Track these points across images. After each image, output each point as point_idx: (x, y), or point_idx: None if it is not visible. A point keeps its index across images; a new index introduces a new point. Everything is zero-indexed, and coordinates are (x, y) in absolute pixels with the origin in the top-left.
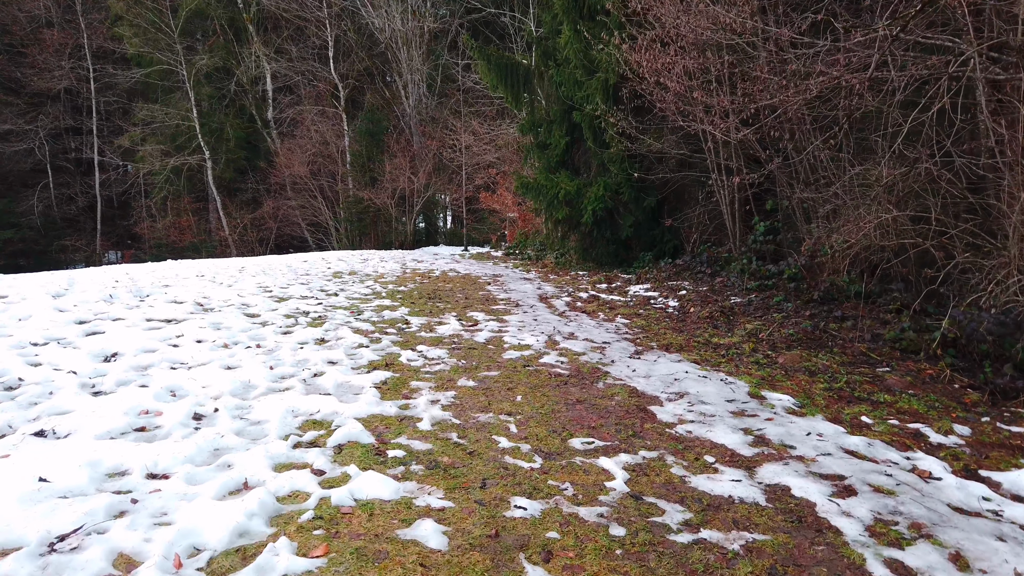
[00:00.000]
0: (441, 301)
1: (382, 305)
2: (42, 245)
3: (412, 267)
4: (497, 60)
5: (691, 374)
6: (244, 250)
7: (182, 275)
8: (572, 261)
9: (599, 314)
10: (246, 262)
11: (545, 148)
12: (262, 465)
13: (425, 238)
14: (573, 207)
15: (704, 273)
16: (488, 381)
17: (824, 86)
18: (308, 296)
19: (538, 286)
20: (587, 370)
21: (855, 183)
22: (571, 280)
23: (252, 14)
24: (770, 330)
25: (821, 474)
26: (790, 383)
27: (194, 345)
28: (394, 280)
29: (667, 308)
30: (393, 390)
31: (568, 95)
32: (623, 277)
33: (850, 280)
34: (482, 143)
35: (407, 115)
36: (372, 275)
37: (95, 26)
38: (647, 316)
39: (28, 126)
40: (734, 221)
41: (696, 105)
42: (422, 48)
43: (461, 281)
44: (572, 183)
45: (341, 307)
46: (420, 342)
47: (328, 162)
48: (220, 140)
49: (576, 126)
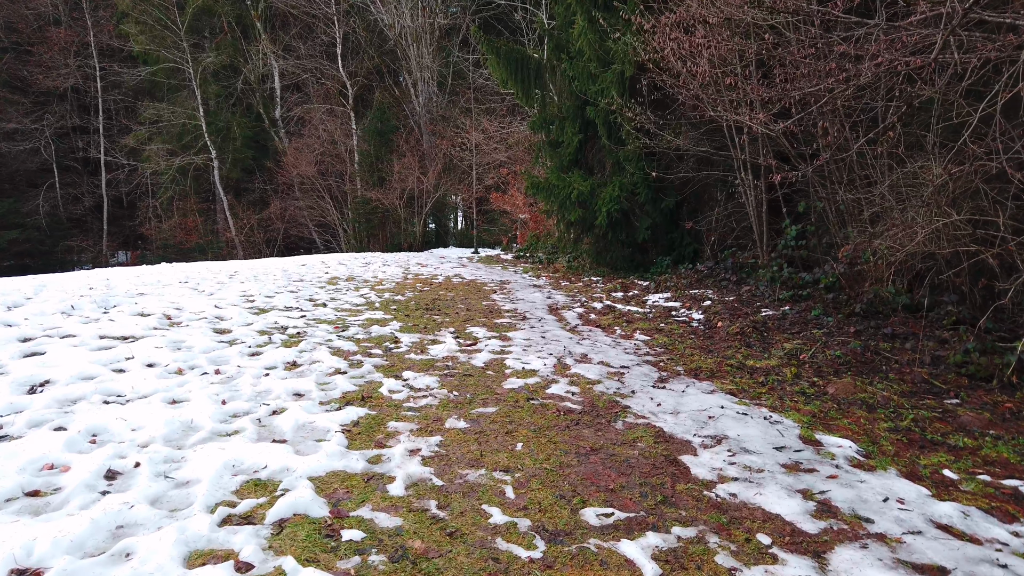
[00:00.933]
0: (439, 313)
1: (372, 319)
2: (48, 246)
3: (415, 272)
4: (507, 53)
5: (728, 410)
6: (251, 251)
7: (164, 281)
8: (585, 265)
9: (615, 329)
10: (240, 266)
11: (557, 146)
12: (171, 555)
13: (435, 239)
14: (586, 208)
15: (729, 280)
16: (483, 421)
17: (879, 71)
18: (292, 307)
19: (548, 295)
20: (603, 404)
21: (904, 182)
22: (584, 287)
23: (260, 11)
24: (812, 350)
25: (914, 564)
26: (847, 421)
27: (142, 371)
28: (392, 287)
29: (691, 321)
30: (365, 434)
31: (581, 89)
32: (640, 284)
33: (896, 291)
34: (493, 142)
35: (417, 114)
36: (370, 281)
37: (102, 24)
38: (669, 331)
39: (34, 125)
40: (761, 224)
41: (726, 95)
42: (432, 45)
43: (465, 289)
44: (585, 183)
45: (326, 321)
46: (408, 366)
47: (336, 162)
48: (227, 139)
49: (590, 122)
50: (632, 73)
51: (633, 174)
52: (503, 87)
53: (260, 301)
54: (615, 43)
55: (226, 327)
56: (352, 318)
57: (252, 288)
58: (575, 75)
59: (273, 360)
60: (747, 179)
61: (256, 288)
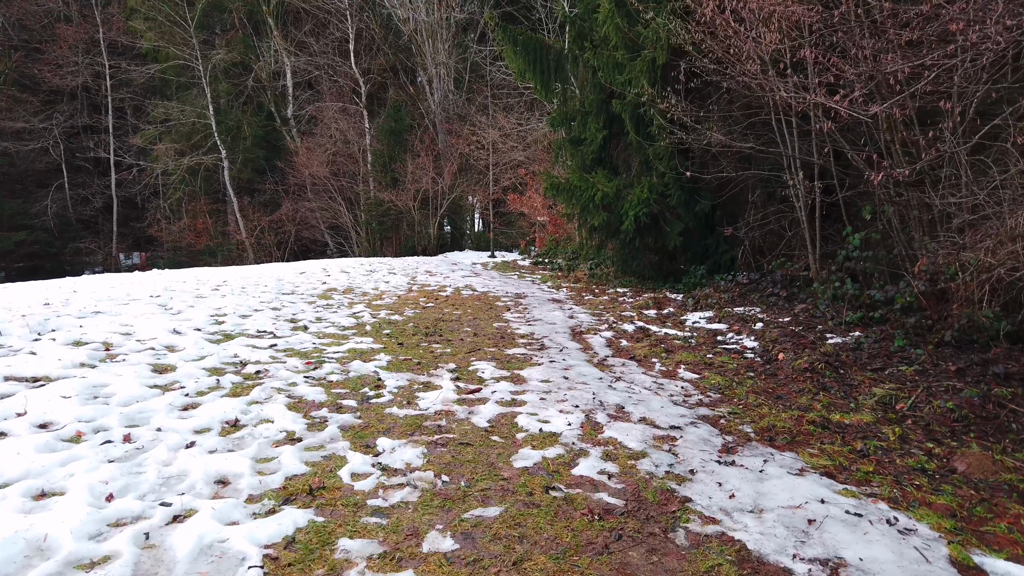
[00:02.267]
0: (440, 340)
1: (357, 349)
2: (56, 248)
3: (421, 283)
4: (525, 43)
5: (832, 506)
6: (261, 254)
7: (134, 295)
8: (609, 274)
9: (654, 362)
10: (232, 274)
11: (579, 144)
12: None
13: (450, 242)
14: (611, 212)
15: (778, 296)
16: (478, 536)
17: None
18: (266, 332)
19: (570, 312)
20: (653, 496)
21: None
22: (610, 302)
23: (272, 7)
24: (912, 399)
25: None
26: (1004, 525)
27: (27, 436)
28: (392, 303)
29: (744, 351)
30: (298, 569)
31: (606, 80)
32: (673, 299)
33: (994, 315)
34: (510, 140)
35: (432, 112)
36: (369, 295)
37: (111, 20)
38: (721, 367)
39: (42, 124)
40: (814, 231)
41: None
42: (448, 41)
43: (475, 305)
44: (610, 184)
45: (299, 353)
46: (386, 428)
47: (349, 162)
48: (237, 138)
49: (615, 117)
50: (665, 60)
51: (664, 174)
52: (520, 80)
53: (231, 323)
54: (645, 27)
55: (171, 362)
56: (333, 348)
57: (230, 304)
58: (599, 65)
59: (209, 418)
60: (797, 179)
61: (235, 304)
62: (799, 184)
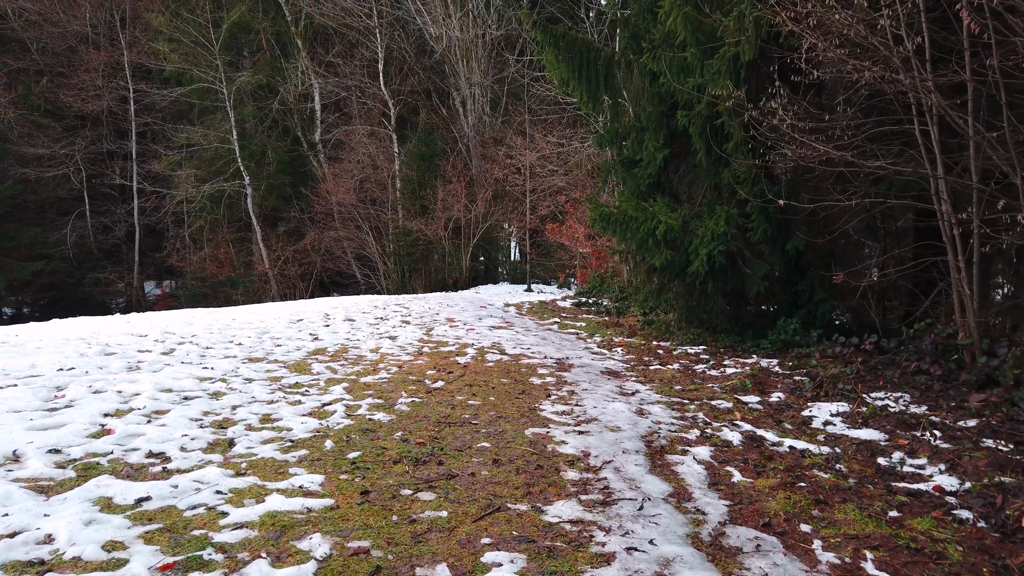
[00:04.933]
0: (437, 477)
1: (280, 515)
2: (75, 278)
3: (438, 337)
4: (569, 45)
5: None
6: (285, 286)
7: (40, 367)
8: (670, 323)
9: (807, 536)
10: (209, 322)
11: (632, 166)
12: None
13: (483, 274)
14: (677, 249)
15: (928, 375)
16: None
17: None
18: (156, 458)
19: (637, 399)
20: None
21: None
22: (685, 373)
23: (301, 27)
24: None
25: None
26: None
27: None
28: (387, 382)
29: (942, 498)
30: None
31: (669, 88)
32: (775, 371)
33: None
34: (549, 163)
35: (465, 135)
36: (365, 359)
37: (136, 44)
38: (935, 550)
39: (63, 150)
40: (971, 282)
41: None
42: (483, 60)
43: (501, 385)
44: (674, 214)
45: (173, 525)
46: None
47: (376, 188)
48: (261, 164)
49: (679, 133)
50: (753, 56)
51: (746, 202)
52: (561, 91)
53: (119, 434)
54: (726, 15)
55: None
56: (242, 509)
57: (159, 383)
58: (661, 69)
59: None
60: (946, 211)
61: (168, 382)
62: (947, 217)
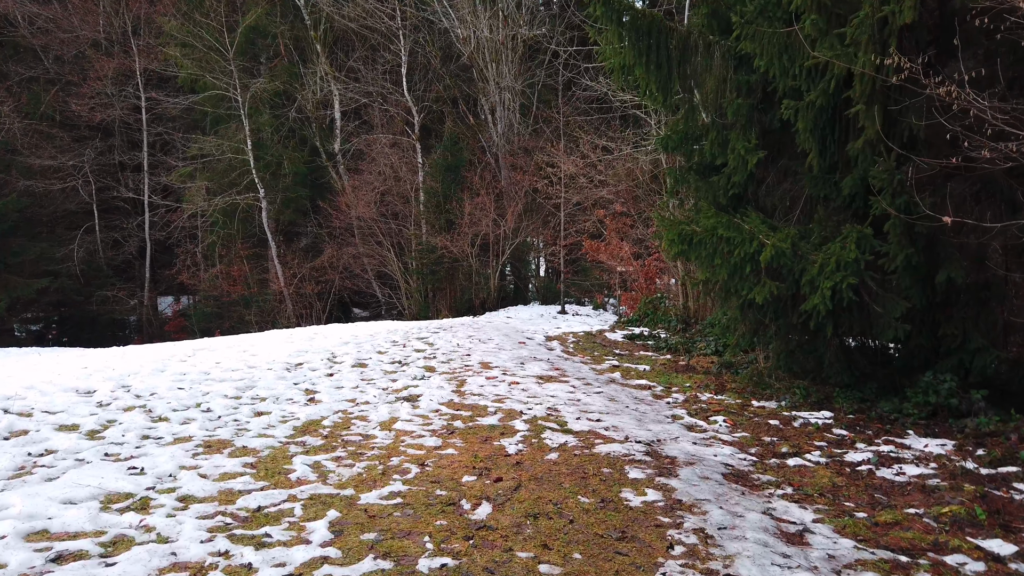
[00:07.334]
0: None
1: None
2: (83, 295)
3: (473, 397)
4: (635, 22)
5: None
6: (301, 306)
7: None
8: (760, 369)
9: None
10: (188, 366)
11: (710, 172)
12: None
13: (512, 293)
14: (783, 279)
15: None
16: None
17: None
18: None
19: (805, 535)
20: None
21: None
22: (840, 469)
23: (320, 32)
24: None
25: None
26: None
27: None
28: (403, 503)
29: None
30: None
31: (764, 75)
32: (977, 470)
33: None
34: (594, 171)
35: (494, 144)
36: (375, 444)
37: (150, 51)
38: None
39: (71, 162)
40: None
41: None
42: (514, 63)
43: (579, 500)
44: (779, 235)
45: None
46: None
47: (399, 201)
48: (277, 176)
49: (774, 131)
50: (913, 18)
51: (885, 218)
52: (620, 79)
53: None
54: None
55: None
56: None
57: (27, 517)
58: (756, 50)
59: None
60: None
61: (52, 509)
62: None
